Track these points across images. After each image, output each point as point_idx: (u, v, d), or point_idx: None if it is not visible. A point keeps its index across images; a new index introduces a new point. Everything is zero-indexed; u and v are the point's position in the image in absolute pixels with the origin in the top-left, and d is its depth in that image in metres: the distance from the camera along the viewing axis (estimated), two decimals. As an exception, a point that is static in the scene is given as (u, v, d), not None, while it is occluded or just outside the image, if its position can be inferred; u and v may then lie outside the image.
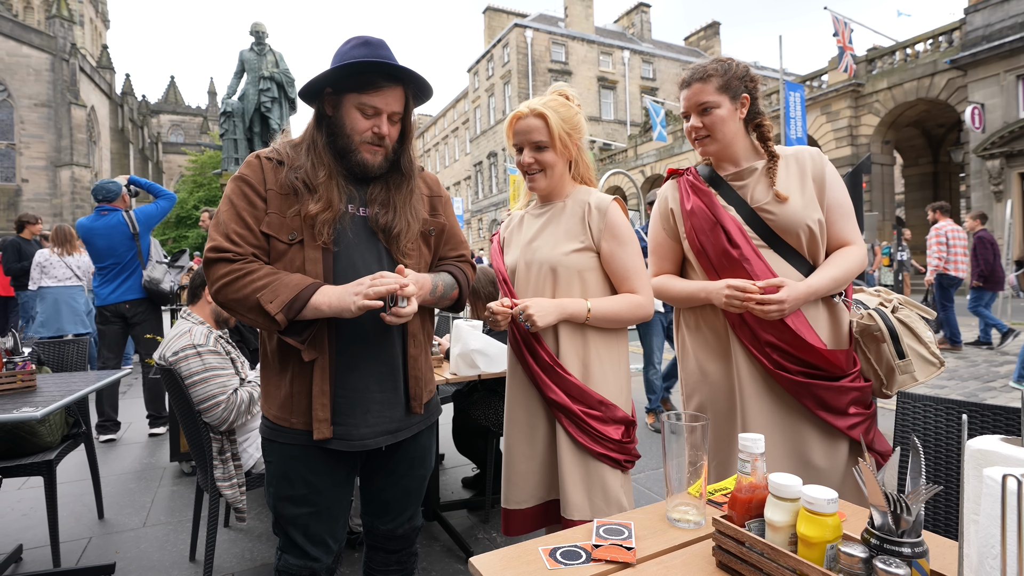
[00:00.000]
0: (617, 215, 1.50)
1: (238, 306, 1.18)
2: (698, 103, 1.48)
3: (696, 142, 1.53)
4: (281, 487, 1.30)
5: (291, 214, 1.22)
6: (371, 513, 1.45)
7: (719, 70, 1.46)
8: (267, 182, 1.24)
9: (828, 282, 1.39)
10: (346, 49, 1.25)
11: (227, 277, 1.17)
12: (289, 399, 1.26)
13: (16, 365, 2.16)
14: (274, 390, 1.29)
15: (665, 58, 35.46)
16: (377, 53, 1.23)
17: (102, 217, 3.95)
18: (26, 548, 2.47)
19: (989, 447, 0.75)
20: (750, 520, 0.83)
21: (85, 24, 44.48)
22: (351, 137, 1.25)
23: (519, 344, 1.54)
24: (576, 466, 1.45)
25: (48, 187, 32.45)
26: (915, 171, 19.27)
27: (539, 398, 1.52)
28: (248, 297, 1.16)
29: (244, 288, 1.16)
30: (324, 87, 1.25)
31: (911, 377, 1.44)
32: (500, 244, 1.72)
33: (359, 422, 1.27)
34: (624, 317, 1.49)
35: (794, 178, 1.45)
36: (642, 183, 24.23)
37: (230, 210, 1.22)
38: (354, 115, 1.25)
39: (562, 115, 1.50)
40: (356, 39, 1.26)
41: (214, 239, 1.20)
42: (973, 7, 13.89)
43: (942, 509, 1.31)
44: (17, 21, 33.28)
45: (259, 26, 8.51)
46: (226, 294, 1.18)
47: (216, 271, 1.18)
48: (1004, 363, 6.10)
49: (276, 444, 1.29)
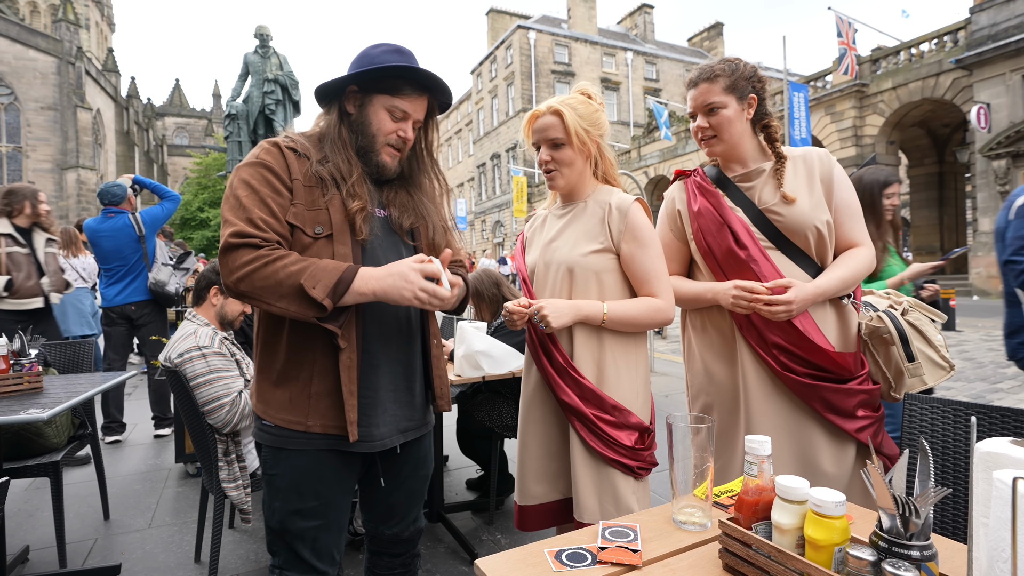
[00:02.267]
0: (638, 216, 1.46)
1: (266, 294, 1.10)
2: (705, 103, 1.47)
3: (702, 142, 1.52)
4: (290, 500, 1.21)
5: (317, 207, 1.18)
6: (376, 519, 1.41)
7: (726, 70, 1.46)
8: (291, 172, 1.19)
9: (836, 283, 1.38)
10: (378, 53, 1.25)
11: (255, 263, 1.09)
12: (306, 400, 1.19)
13: (23, 367, 2.17)
14: (281, 392, 1.21)
15: (668, 59, 35.43)
16: (412, 62, 1.25)
17: (108, 219, 3.97)
18: (32, 549, 2.48)
19: (999, 450, 0.74)
20: (757, 523, 0.83)
21: (91, 28, 44.74)
22: (375, 137, 1.25)
23: (535, 344, 1.54)
24: (588, 469, 1.43)
25: (54, 189, 32.62)
26: (920, 171, 19.18)
27: (554, 399, 1.51)
28: (282, 283, 1.09)
29: (277, 273, 1.09)
30: (350, 84, 1.25)
31: (920, 380, 1.43)
32: (523, 243, 1.72)
33: (379, 421, 1.25)
34: (642, 321, 1.46)
35: (802, 179, 1.44)
36: (645, 184, 24.20)
37: (252, 195, 1.14)
38: (382, 116, 1.24)
39: (580, 112, 1.48)
40: (388, 46, 1.27)
41: (234, 223, 1.12)
42: (978, 6, 13.83)
43: (950, 512, 1.30)
44: (24, 25, 33.51)
45: (263, 29, 8.54)
46: (252, 281, 1.09)
47: (239, 257, 1.10)
48: (1011, 364, 6.04)
49: (286, 452, 1.21)
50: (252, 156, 1.20)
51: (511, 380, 2.56)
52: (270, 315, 1.22)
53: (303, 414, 1.19)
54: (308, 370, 1.20)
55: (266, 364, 1.24)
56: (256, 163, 1.18)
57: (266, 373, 1.24)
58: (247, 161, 1.19)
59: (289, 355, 1.20)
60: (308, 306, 1.10)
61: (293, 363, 1.20)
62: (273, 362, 1.23)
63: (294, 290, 1.09)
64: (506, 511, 2.81)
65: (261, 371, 1.25)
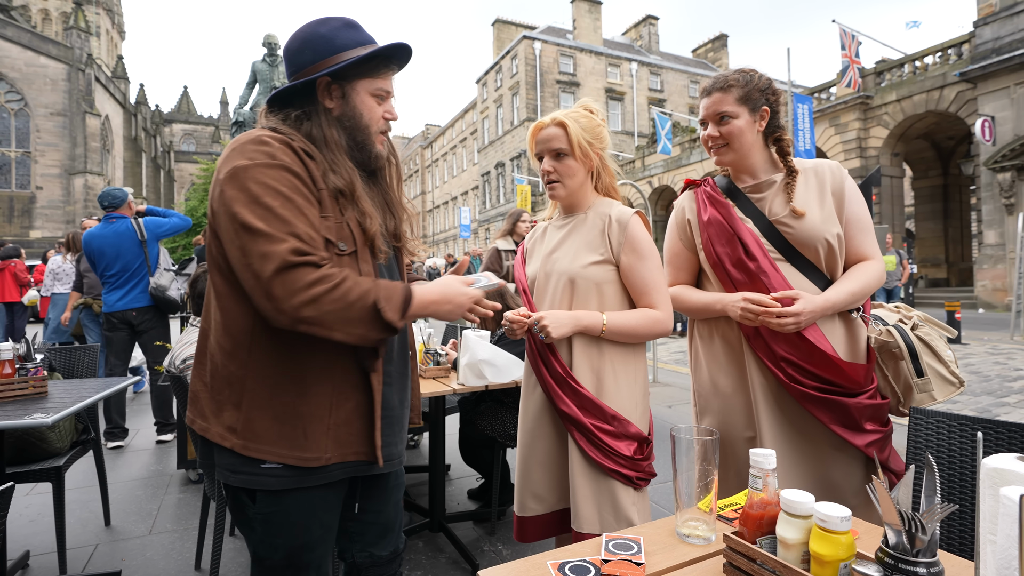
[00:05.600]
0: (638, 229, 1.48)
1: (332, 318, 0.97)
2: (716, 112, 1.47)
3: (712, 151, 1.53)
4: (295, 536, 1.10)
5: (339, 222, 1.08)
6: (369, 542, 1.27)
7: (740, 81, 1.46)
8: (316, 181, 1.06)
9: (846, 296, 1.38)
10: (330, 32, 1.12)
11: (323, 284, 0.96)
12: (324, 431, 1.07)
13: (28, 371, 2.18)
14: (287, 427, 1.05)
15: (673, 70, 35.61)
16: (368, 35, 1.15)
17: (111, 224, 4.01)
18: (33, 554, 2.48)
19: (1006, 466, 0.73)
20: (762, 537, 0.82)
21: (101, 35, 45.31)
22: (369, 128, 1.15)
23: (535, 354, 1.54)
24: (587, 479, 1.43)
25: (61, 194, 32.91)
26: (925, 183, 19.16)
27: (553, 409, 1.51)
28: (352, 305, 0.98)
29: (348, 295, 0.97)
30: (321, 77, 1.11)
31: (929, 396, 1.42)
32: (523, 255, 1.73)
33: (397, 439, 1.22)
34: (641, 332, 1.47)
35: (813, 192, 1.44)
36: (649, 194, 24.23)
37: (288, 205, 0.99)
38: (370, 103, 1.14)
39: (583, 125, 1.51)
40: (337, 20, 1.15)
41: (283, 239, 0.95)
42: (982, 20, 13.87)
43: (957, 528, 1.29)
44: (35, 32, 33.99)
45: (272, 38, 8.65)
46: (321, 305, 0.95)
47: (303, 276, 0.95)
48: (1018, 378, 6.01)
49: (296, 493, 1.08)
50: (263, 153, 1.02)
51: (514, 389, 2.55)
52: (270, 343, 1.05)
53: (320, 448, 1.07)
54: (327, 399, 1.08)
55: (259, 398, 1.05)
56: (278, 165, 1.02)
57: (262, 409, 1.05)
58: (264, 161, 1.01)
59: (300, 386, 1.07)
60: (378, 329, 1.01)
61: (308, 393, 1.07)
62: (274, 394, 1.06)
63: (366, 312, 0.99)
64: (508, 521, 2.79)
65: (253, 407, 1.05)
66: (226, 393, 1.06)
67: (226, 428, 1.06)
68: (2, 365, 2.12)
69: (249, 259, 0.96)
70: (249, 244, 0.96)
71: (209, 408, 1.08)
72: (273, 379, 1.06)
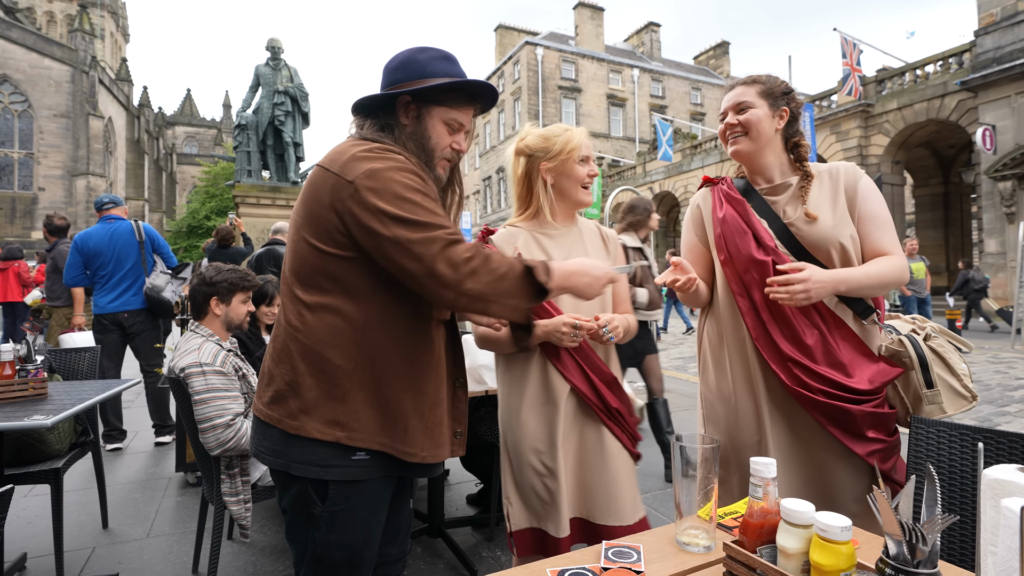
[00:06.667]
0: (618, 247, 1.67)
1: (493, 290, 1.04)
2: (738, 103, 1.49)
3: (729, 141, 1.52)
4: (357, 533, 1.15)
5: None
6: (385, 540, 1.30)
7: (763, 79, 1.50)
8: (431, 194, 1.13)
9: (860, 275, 1.35)
10: (427, 60, 1.20)
11: (477, 258, 1.03)
12: (424, 430, 1.15)
13: (28, 373, 2.18)
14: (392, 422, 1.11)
15: (674, 76, 35.73)
16: (461, 69, 1.23)
17: (109, 224, 4.02)
18: (30, 557, 2.47)
19: (1007, 477, 0.73)
20: (762, 546, 0.82)
21: (106, 38, 45.51)
22: (433, 152, 1.21)
23: (572, 361, 1.49)
24: (628, 471, 1.53)
25: (64, 196, 33.01)
26: (926, 191, 19.18)
27: (577, 414, 1.52)
28: (506, 275, 1.05)
29: (500, 266, 1.05)
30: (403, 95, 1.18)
31: (939, 408, 1.39)
32: None
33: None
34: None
35: (827, 194, 1.44)
36: (650, 199, 24.29)
37: (428, 200, 1.08)
38: (440, 129, 1.21)
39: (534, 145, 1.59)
40: (435, 51, 1.22)
41: (438, 225, 1.04)
42: (983, 29, 13.92)
43: (957, 538, 1.28)
44: (40, 34, 34.17)
45: (275, 42, 8.68)
46: (480, 277, 1.03)
47: (461, 252, 1.03)
48: (1018, 387, 6.00)
49: (363, 484, 1.13)
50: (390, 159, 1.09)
51: (514, 395, 2.55)
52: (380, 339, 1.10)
53: (418, 444, 1.13)
54: (428, 399, 1.15)
55: (367, 393, 1.10)
56: (409, 169, 1.10)
57: (368, 402, 1.10)
58: (398, 165, 1.09)
59: (407, 382, 1.13)
60: (529, 296, 1.08)
61: (413, 391, 1.13)
62: (380, 389, 1.11)
63: (517, 280, 1.06)
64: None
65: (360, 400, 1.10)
66: (327, 388, 1.09)
67: (327, 423, 1.08)
68: (2, 367, 2.13)
69: (410, 245, 1.02)
70: (407, 233, 1.03)
71: (303, 405, 1.09)
72: (380, 374, 1.11)
